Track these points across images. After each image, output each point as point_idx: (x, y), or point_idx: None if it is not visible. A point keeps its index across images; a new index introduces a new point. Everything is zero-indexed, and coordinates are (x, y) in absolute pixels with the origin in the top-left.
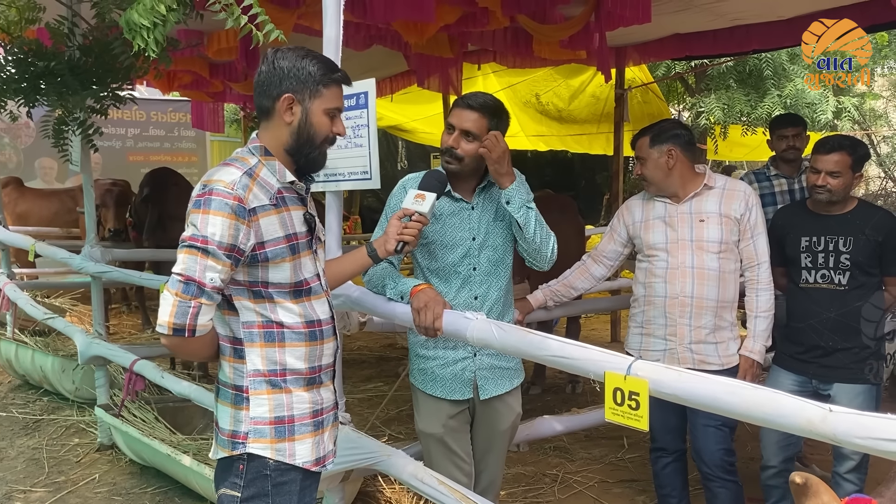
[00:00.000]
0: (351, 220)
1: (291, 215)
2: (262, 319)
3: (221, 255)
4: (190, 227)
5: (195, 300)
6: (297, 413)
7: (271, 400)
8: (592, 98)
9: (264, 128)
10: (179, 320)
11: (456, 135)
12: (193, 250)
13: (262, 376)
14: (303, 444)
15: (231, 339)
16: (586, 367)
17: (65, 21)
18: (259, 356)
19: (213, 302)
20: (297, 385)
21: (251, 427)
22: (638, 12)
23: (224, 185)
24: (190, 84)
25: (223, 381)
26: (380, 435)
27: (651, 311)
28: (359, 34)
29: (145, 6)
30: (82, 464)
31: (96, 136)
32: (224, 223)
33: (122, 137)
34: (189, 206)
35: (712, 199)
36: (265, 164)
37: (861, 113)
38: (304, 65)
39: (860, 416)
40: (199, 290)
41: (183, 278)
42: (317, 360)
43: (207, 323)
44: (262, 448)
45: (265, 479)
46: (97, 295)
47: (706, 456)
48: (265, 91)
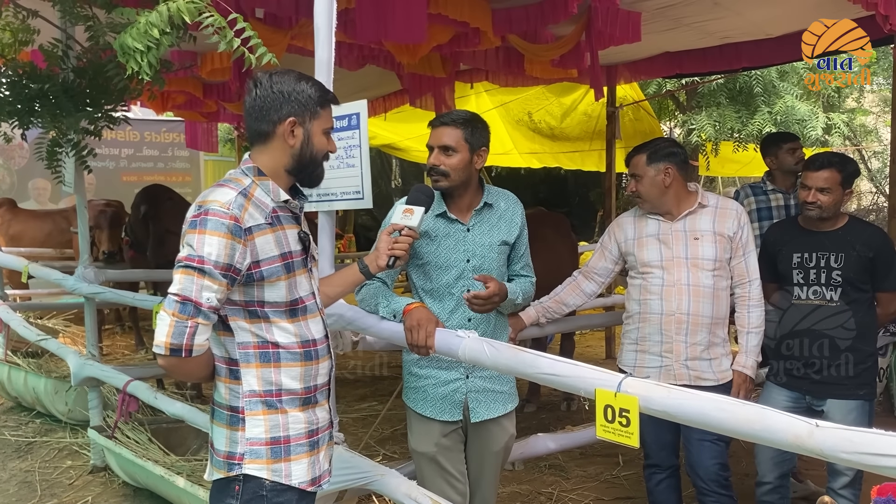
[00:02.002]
0: (345, 239)
1: (286, 234)
2: (257, 340)
3: (217, 274)
4: (186, 248)
5: (192, 320)
6: (293, 433)
7: (267, 420)
8: (584, 116)
9: (260, 150)
10: (176, 340)
11: (436, 152)
12: (190, 270)
13: (258, 397)
14: (299, 465)
15: (227, 359)
16: (577, 385)
17: (59, 43)
18: (255, 377)
19: (210, 322)
20: (293, 405)
21: (247, 448)
22: (628, 31)
23: (220, 205)
24: (184, 104)
25: (219, 402)
26: (374, 454)
27: (646, 328)
28: (352, 54)
29: (139, 30)
30: (75, 486)
31: (90, 157)
32: (220, 243)
33: (115, 158)
34: (184, 226)
35: (706, 217)
36: (259, 184)
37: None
38: (302, 88)
39: (846, 432)
40: (196, 309)
41: (179, 298)
42: (312, 380)
43: (204, 343)
44: (258, 469)
45: (261, 500)
46: (90, 316)
47: (701, 471)
48: (263, 115)
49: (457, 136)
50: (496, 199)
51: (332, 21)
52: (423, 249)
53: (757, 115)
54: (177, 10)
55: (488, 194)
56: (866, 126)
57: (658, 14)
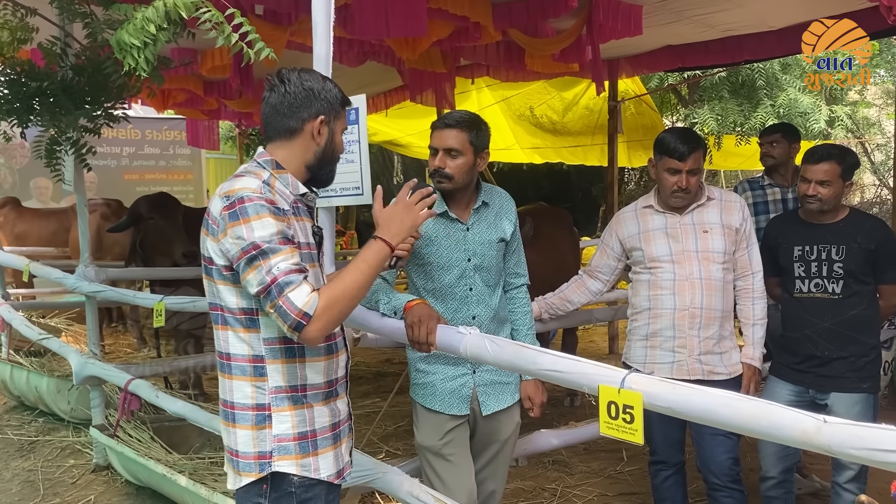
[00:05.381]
0: (347, 236)
1: (305, 225)
2: (283, 334)
3: (278, 245)
4: (238, 242)
5: (282, 295)
6: (319, 427)
7: (294, 416)
8: (586, 110)
9: (281, 146)
10: (291, 318)
11: (441, 155)
12: (252, 263)
13: (284, 392)
14: (325, 458)
15: (251, 357)
16: (580, 381)
17: (57, 41)
18: (280, 372)
19: (299, 280)
20: (317, 399)
21: (275, 445)
22: (629, 25)
23: (252, 191)
24: (184, 102)
25: (242, 403)
26: (377, 451)
27: (658, 324)
28: (352, 50)
29: (135, 26)
30: (78, 485)
31: (90, 155)
32: (266, 222)
33: (117, 156)
34: (219, 220)
35: (713, 210)
36: (277, 177)
37: (854, 121)
38: (329, 87)
39: (855, 427)
40: (279, 285)
41: (262, 290)
42: (333, 374)
43: (312, 292)
44: (288, 465)
45: (290, 497)
46: (92, 314)
47: (714, 466)
48: (293, 111)
49: (462, 139)
50: (491, 197)
51: (330, 16)
52: (423, 250)
53: (759, 108)
54: (173, 5)
55: (484, 192)
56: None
57: (659, 7)
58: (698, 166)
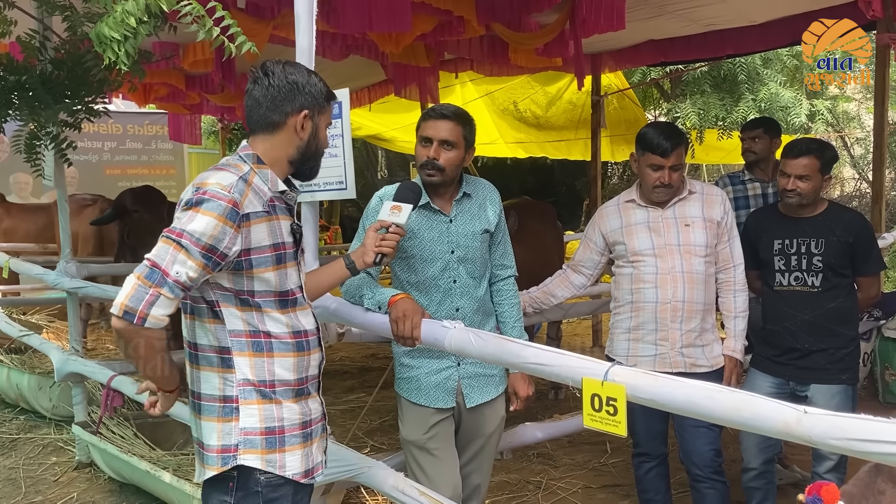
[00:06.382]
0: (331, 231)
1: (280, 224)
2: (249, 328)
3: (196, 252)
4: (175, 221)
5: (154, 288)
6: (288, 424)
7: (262, 410)
8: (569, 105)
9: (264, 139)
10: (133, 304)
11: (435, 146)
12: (168, 241)
13: (252, 386)
14: (293, 456)
15: (217, 348)
16: (564, 374)
17: (36, 35)
18: (248, 365)
19: (174, 297)
20: (287, 396)
21: (241, 438)
22: (612, 19)
23: (221, 187)
24: (166, 96)
25: (209, 394)
26: (362, 446)
27: (640, 317)
28: (335, 44)
29: (115, 19)
30: (60, 483)
31: (70, 150)
32: (210, 223)
33: (98, 151)
34: (178, 207)
35: (694, 204)
36: (258, 172)
37: (834, 115)
38: (314, 81)
39: (835, 418)
40: (162, 279)
41: (150, 264)
42: (304, 371)
43: (162, 317)
44: (252, 459)
45: (257, 496)
46: (73, 311)
47: (696, 457)
48: (277, 105)
49: (457, 133)
50: (474, 188)
51: (313, 9)
52: (406, 243)
53: (741, 102)
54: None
55: (466, 184)
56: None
57: (642, 2)
58: (680, 162)
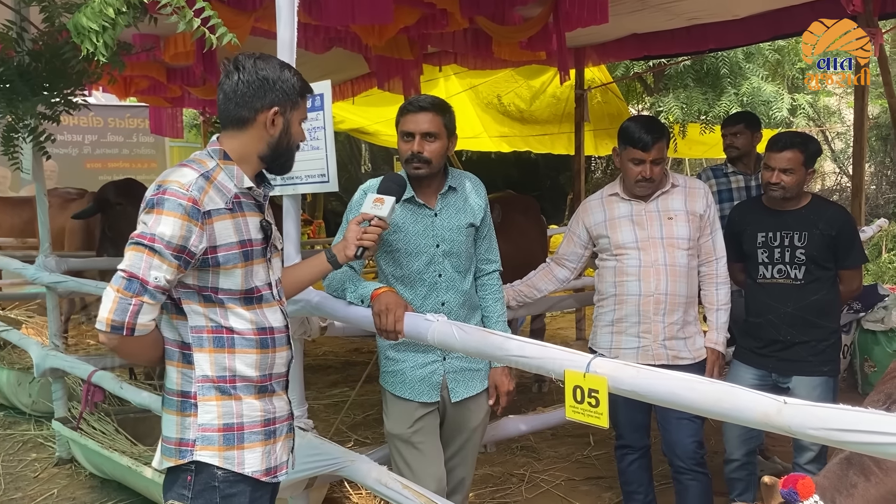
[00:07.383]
0: (314, 224)
1: (247, 221)
2: (211, 324)
3: (168, 255)
4: (140, 225)
5: (136, 298)
6: (248, 421)
7: (220, 406)
8: (553, 98)
9: (233, 135)
10: (118, 317)
11: (418, 139)
12: (140, 248)
13: (211, 382)
14: (252, 453)
15: (179, 343)
16: (546, 366)
17: (13, 26)
18: (208, 361)
19: (156, 302)
20: (248, 392)
21: (199, 434)
22: (595, 13)
23: (179, 186)
24: (147, 89)
25: (169, 388)
26: (345, 440)
27: (623, 310)
28: (318, 36)
29: (93, 10)
30: (40, 479)
31: (49, 143)
32: (175, 223)
33: (79, 144)
34: (142, 206)
35: (677, 197)
36: (223, 168)
37: (815, 110)
38: (286, 76)
39: (813, 408)
40: (142, 287)
41: (126, 275)
42: (268, 369)
43: (149, 323)
44: (209, 455)
45: (213, 491)
46: (52, 305)
47: (679, 449)
48: (245, 101)
49: (438, 123)
50: (459, 181)
51: (295, 1)
52: (391, 237)
53: (723, 96)
54: None
55: (451, 177)
56: (830, 107)
57: None
58: (662, 156)
